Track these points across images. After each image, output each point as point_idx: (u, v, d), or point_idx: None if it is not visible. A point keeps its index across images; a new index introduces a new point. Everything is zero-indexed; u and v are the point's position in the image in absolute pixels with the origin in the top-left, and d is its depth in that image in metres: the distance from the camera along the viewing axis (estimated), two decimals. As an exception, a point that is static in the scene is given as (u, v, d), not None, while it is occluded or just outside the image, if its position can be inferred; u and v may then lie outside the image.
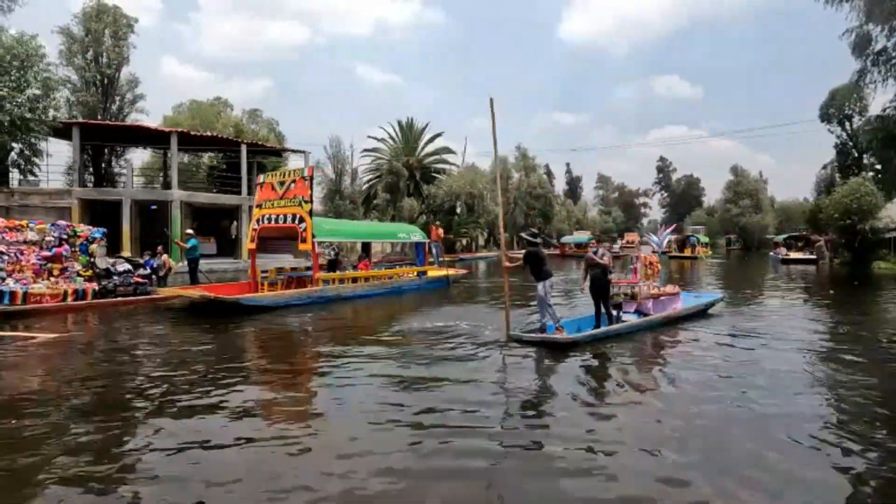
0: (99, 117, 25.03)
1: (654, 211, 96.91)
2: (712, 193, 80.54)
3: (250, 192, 23.41)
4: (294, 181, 11.84)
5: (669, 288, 9.65)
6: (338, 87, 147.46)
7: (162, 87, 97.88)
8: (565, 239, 47.64)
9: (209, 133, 22.12)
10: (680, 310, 9.28)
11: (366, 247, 16.26)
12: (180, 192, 20.76)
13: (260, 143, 24.25)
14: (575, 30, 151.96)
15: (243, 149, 22.02)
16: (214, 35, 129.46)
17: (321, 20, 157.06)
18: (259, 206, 12.53)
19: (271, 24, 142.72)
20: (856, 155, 40.73)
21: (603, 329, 7.75)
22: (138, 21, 26.67)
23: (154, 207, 19.37)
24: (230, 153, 23.34)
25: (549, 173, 73.09)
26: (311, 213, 11.52)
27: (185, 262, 13.33)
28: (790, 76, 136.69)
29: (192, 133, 20.83)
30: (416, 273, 14.78)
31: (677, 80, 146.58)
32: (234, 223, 24.00)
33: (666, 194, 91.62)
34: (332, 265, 13.91)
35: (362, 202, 38.41)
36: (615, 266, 9.24)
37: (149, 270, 12.35)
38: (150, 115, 27.95)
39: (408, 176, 36.84)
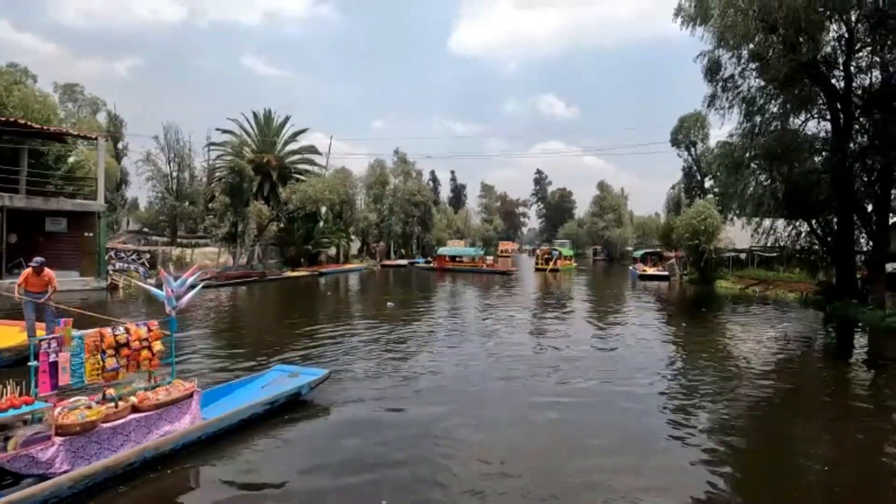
0: None
1: (532, 220, 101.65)
2: (583, 207, 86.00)
3: (6, 188, 17.15)
4: None
5: (164, 392, 5.18)
6: (220, 76, 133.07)
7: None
8: (442, 251, 43.37)
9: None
10: (179, 433, 4.92)
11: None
12: None
13: (26, 122, 17.69)
14: (466, 42, 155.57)
15: (-7, 128, 15.92)
16: (68, 2, 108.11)
17: (203, 2, 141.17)
18: None
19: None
20: (699, 178, 44.86)
21: None
22: None
23: None
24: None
25: (434, 180, 71.96)
26: None
27: None
28: (655, 102, 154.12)
29: None
30: None
31: (554, 99, 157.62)
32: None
33: (542, 205, 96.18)
34: None
35: (205, 204, 32.50)
36: None
37: None
38: None
39: (260, 176, 31.86)
